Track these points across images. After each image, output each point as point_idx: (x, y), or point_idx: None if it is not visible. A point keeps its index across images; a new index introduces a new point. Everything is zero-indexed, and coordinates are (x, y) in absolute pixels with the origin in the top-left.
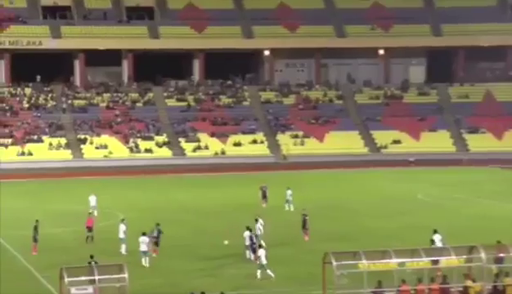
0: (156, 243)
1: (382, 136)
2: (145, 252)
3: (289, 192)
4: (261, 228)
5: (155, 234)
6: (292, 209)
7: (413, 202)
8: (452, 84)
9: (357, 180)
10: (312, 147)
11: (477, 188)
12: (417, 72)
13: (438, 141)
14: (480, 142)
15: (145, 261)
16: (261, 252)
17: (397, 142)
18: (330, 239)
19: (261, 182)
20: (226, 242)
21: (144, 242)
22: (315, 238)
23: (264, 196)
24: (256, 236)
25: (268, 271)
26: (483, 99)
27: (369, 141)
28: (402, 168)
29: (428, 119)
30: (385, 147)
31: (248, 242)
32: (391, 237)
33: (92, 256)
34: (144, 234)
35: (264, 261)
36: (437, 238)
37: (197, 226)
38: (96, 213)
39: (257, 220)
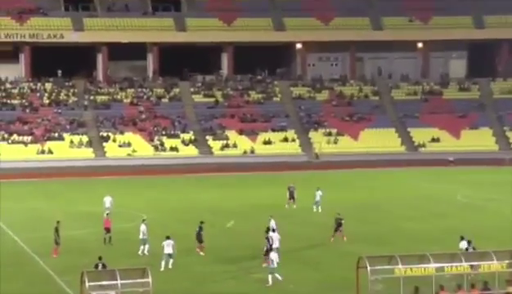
0: (199, 240)
1: (420, 134)
2: (170, 255)
3: (319, 193)
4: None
5: (197, 231)
6: (320, 210)
7: (452, 203)
8: (495, 79)
9: (392, 180)
10: (346, 145)
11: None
12: (458, 66)
13: (480, 139)
14: None
15: (166, 265)
16: (273, 256)
17: (435, 140)
18: (364, 242)
19: (291, 182)
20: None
21: (169, 245)
22: (348, 240)
23: (292, 196)
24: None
25: (276, 274)
26: None
27: (406, 139)
28: (441, 168)
29: (469, 116)
30: (423, 145)
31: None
32: (429, 240)
33: (100, 258)
34: (168, 238)
35: (275, 265)
36: (463, 245)
37: (223, 228)
38: (110, 214)
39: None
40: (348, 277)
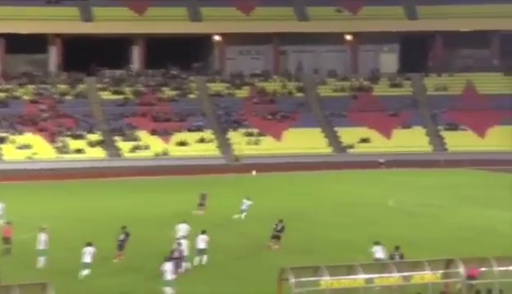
0: (120, 247)
1: (348, 134)
2: (87, 264)
3: (247, 202)
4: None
5: (121, 238)
6: (243, 217)
7: (383, 209)
8: (429, 74)
9: (319, 184)
10: (269, 146)
11: (456, 193)
12: (389, 60)
13: (412, 140)
14: (460, 140)
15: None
16: (167, 267)
17: (365, 141)
18: (291, 253)
19: (208, 186)
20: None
21: (89, 253)
22: (272, 251)
23: (202, 203)
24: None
25: (168, 289)
26: (464, 91)
27: (333, 140)
28: (371, 171)
29: (401, 114)
30: (352, 146)
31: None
32: (358, 249)
33: None
34: (89, 245)
35: (169, 277)
36: (376, 250)
37: (132, 237)
38: (1, 222)
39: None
40: (271, 291)
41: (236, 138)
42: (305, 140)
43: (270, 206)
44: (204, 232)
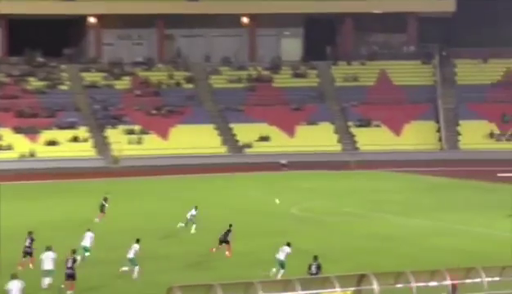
0: (30, 254)
1: (245, 132)
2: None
3: (192, 212)
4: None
5: (27, 244)
6: (193, 231)
7: (286, 217)
8: (337, 63)
9: (213, 189)
10: (153, 146)
11: (370, 199)
12: (291, 46)
13: (319, 138)
14: (373, 138)
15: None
16: (12, 285)
17: (264, 139)
18: (181, 268)
19: (84, 192)
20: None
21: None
22: (158, 267)
23: (102, 209)
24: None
25: None
26: (377, 82)
27: (228, 138)
28: (272, 173)
29: (306, 109)
30: (249, 146)
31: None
32: (257, 264)
33: None
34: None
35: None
36: (284, 251)
37: None
38: None
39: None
40: None
41: (116, 136)
42: (196, 139)
43: (154, 214)
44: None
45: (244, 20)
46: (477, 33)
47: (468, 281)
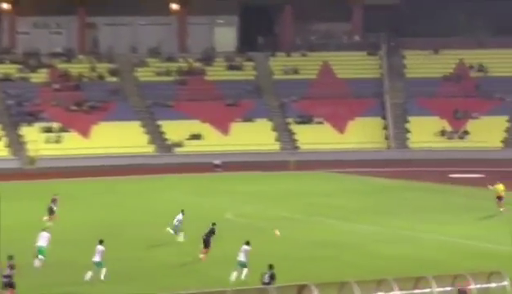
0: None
1: (175, 129)
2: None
3: (179, 217)
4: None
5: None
6: (182, 239)
7: (220, 224)
8: (276, 54)
9: (138, 192)
10: (73, 145)
11: (311, 202)
12: (226, 36)
13: (256, 136)
14: (314, 136)
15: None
16: None
17: (196, 137)
18: (107, 281)
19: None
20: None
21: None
22: (77, 280)
23: (52, 211)
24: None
25: None
26: (319, 75)
27: (156, 136)
28: (205, 175)
29: (242, 104)
30: (180, 144)
31: None
32: (187, 274)
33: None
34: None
35: None
36: (244, 250)
37: None
38: None
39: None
40: None
41: (31, 135)
42: (120, 137)
43: (75, 221)
44: (101, 242)
45: (174, 6)
46: (427, 22)
47: (417, 291)
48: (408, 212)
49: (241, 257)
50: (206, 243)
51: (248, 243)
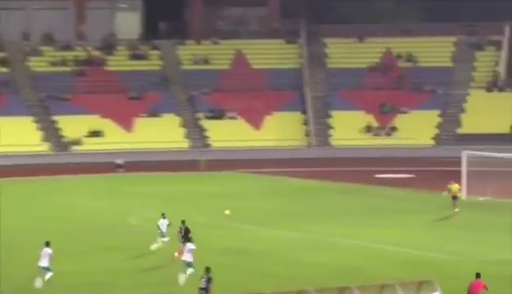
0: None
1: (72, 125)
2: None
3: (165, 221)
4: None
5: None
6: (159, 245)
7: (122, 230)
8: (184, 42)
9: (31, 195)
10: None
11: (222, 205)
12: (129, 22)
13: (162, 132)
14: (227, 133)
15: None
16: None
17: (96, 134)
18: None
19: None
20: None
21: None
22: None
23: None
24: None
25: None
26: (232, 65)
27: (51, 133)
28: (105, 175)
29: (147, 97)
30: (78, 142)
31: None
32: (88, 286)
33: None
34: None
35: None
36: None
37: None
38: None
39: None
40: None
41: None
42: (10, 134)
43: None
44: (48, 244)
45: None
46: (351, 7)
47: None
48: (331, 216)
49: (188, 258)
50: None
51: (190, 240)
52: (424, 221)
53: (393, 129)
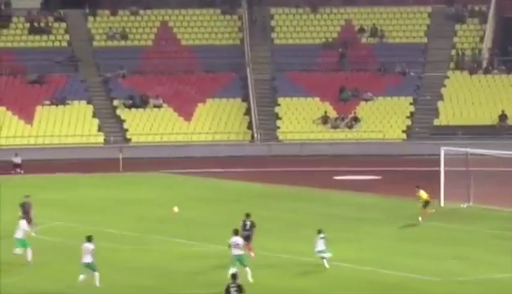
0: None
1: None
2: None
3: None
4: None
5: None
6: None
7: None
8: (96, 12)
9: None
10: None
11: (146, 213)
12: None
13: (71, 124)
14: (151, 124)
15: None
16: None
17: None
18: None
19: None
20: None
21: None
22: None
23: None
24: None
25: None
26: (156, 40)
27: None
28: (2, 177)
29: (50, 80)
30: None
31: None
32: None
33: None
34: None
35: None
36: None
37: None
38: None
39: None
40: None
41: None
42: None
43: None
44: (90, 239)
45: None
46: None
47: None
48: (277, 228)
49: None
50: (247, 238)
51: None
52: (393, 234)
53: (355, 120)
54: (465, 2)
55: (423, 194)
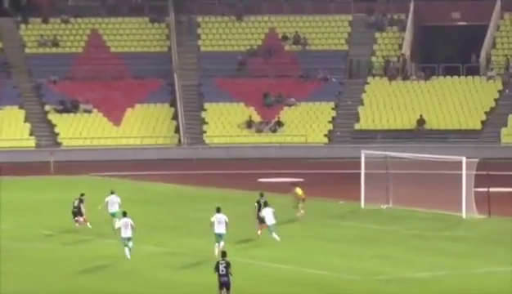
0: None
1: None
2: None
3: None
4: None
5: None
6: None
7: None
8: (28, 19)
9: None
10: None
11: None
12: None
13: (3, 128)
14: (81, 129)
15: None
16: None
17: None
18: None
19: None
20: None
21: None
22: None
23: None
24: None
25: None
26: (86, 48)
27: None
28: None
29: None
30: None
31: None
32: None
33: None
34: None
35: None
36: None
37: None
38: None
39: None
40: None
41: None
42: None
43: None
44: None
45: None
46: None
47: None
48: (203, 229)
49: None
50: (260, 219)
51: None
52: (315, 234)
53: (279, 124)
54: (385, 11)
55: (299, 191)
